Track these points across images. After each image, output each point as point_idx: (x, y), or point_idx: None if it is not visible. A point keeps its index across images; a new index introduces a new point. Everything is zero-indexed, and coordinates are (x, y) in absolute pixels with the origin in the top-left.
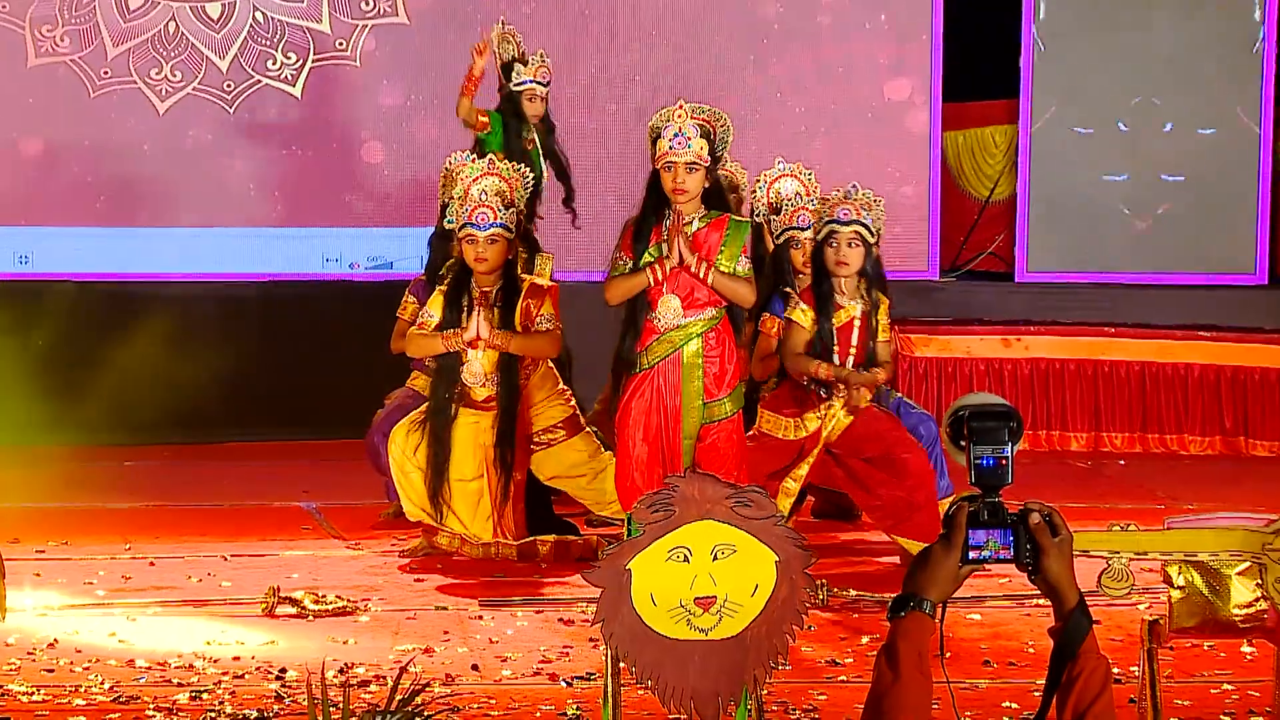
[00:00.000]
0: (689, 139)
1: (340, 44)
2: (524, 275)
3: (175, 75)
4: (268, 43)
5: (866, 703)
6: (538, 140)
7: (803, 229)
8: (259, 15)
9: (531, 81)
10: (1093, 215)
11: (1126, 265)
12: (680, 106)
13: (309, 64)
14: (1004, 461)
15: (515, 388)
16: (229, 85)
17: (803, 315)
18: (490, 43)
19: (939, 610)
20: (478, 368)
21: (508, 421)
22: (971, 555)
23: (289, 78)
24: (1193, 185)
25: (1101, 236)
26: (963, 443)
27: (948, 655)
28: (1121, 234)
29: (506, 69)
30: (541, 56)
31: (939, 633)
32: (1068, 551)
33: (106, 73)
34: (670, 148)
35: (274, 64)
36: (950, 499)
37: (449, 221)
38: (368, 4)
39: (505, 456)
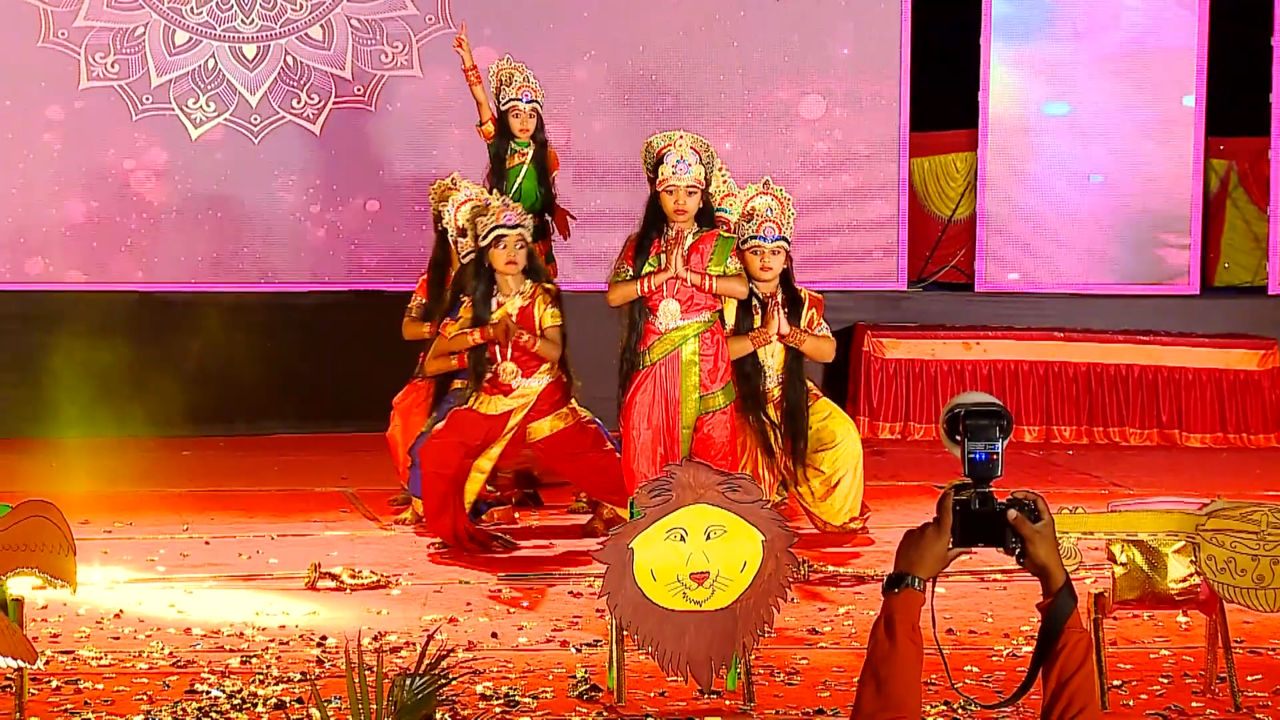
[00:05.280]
0: (690, 165)
1: (359, 90)
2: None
3: (210, 107)
4: (293, 83)
5: (865, 669)
6: (529, 156)
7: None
8: (288, 59)
9: (514, 99)
10: (1044, 232)
11: (1074, 277)
12: (681, 135)
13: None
14: (995, 456)
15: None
16: (255, 119)
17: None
18: (466, 39)
19: (929, 586)
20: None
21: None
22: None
23: (310, 116)
24: (1133, 206)
25: (1052, 251)
26: (957, 438)
27: (947, 630)
28: (1070, 249)
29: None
30: (527, 77)
31: (930, 606)
32: (1050, 535)
33: (149, 99)
34: (673, 173)
35: (298, 103)
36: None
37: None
38: (386, 56)
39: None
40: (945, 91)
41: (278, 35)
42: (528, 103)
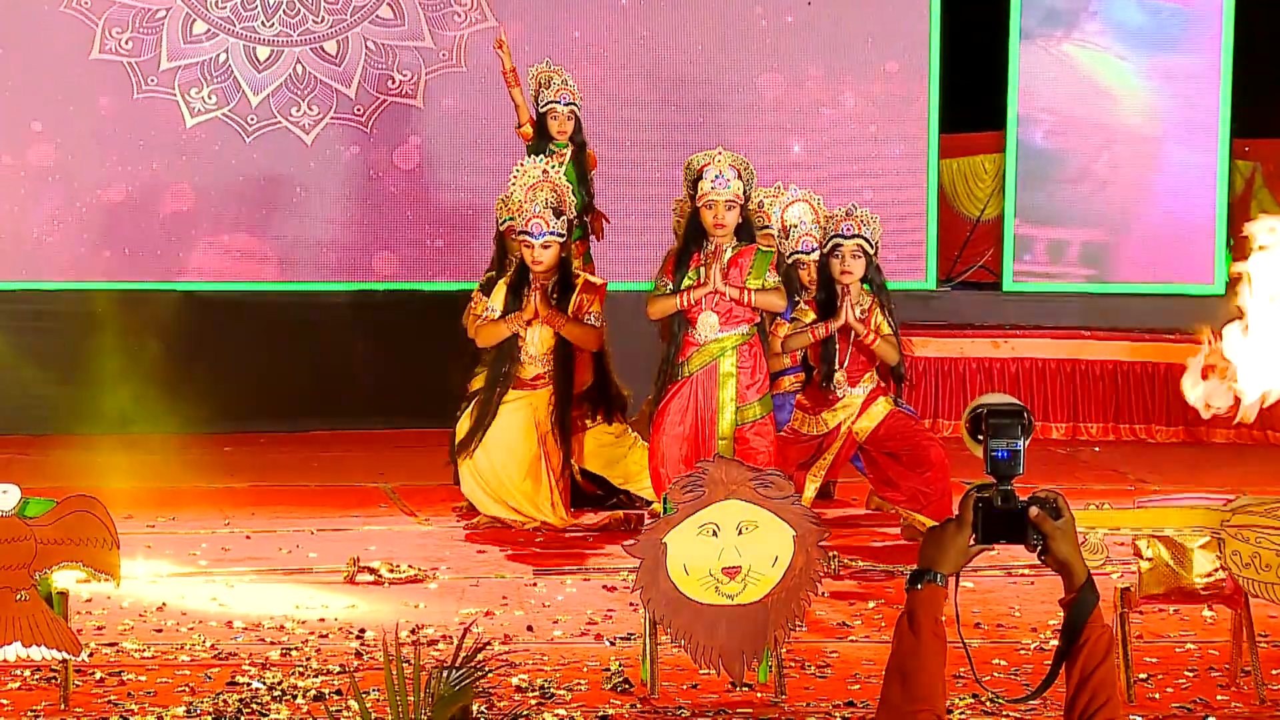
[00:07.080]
0: (728, 180)
1: (358, 110)
2: (579, 272)
3: (211, 99)
4: (297, 92)
5: (890, 662)
6: (567, 158)
7: (807, 253)
8: (298, 68)
9: (552, 102)
10: (1072, 232)
11: (1101, 277)
12: (720, 152)
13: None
14: (1016, 454)
15: (570, 371)
16: (252, 119)
17: (803, 314)
18: (506, 42)
19: (951, 582)
20: (534, 348)
21: (564, 404)
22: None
23: (306, 126)
24: (1160, 207)
25: (1080, 251)
26: (980, 436)
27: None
28: (1097, 249)
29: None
30: (565, 80)
31: (954, 601)
32: (1071, 533)
33: (154, 80)
34: (712, 188)
35: (297, 110)
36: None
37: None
38: (393, 82)
39: (562, 435)
40: (974, 93)
41: (293, 43)
42: (566, 105)
